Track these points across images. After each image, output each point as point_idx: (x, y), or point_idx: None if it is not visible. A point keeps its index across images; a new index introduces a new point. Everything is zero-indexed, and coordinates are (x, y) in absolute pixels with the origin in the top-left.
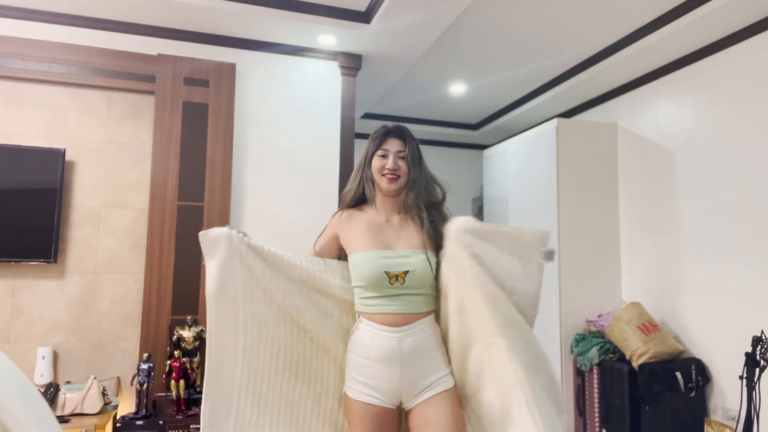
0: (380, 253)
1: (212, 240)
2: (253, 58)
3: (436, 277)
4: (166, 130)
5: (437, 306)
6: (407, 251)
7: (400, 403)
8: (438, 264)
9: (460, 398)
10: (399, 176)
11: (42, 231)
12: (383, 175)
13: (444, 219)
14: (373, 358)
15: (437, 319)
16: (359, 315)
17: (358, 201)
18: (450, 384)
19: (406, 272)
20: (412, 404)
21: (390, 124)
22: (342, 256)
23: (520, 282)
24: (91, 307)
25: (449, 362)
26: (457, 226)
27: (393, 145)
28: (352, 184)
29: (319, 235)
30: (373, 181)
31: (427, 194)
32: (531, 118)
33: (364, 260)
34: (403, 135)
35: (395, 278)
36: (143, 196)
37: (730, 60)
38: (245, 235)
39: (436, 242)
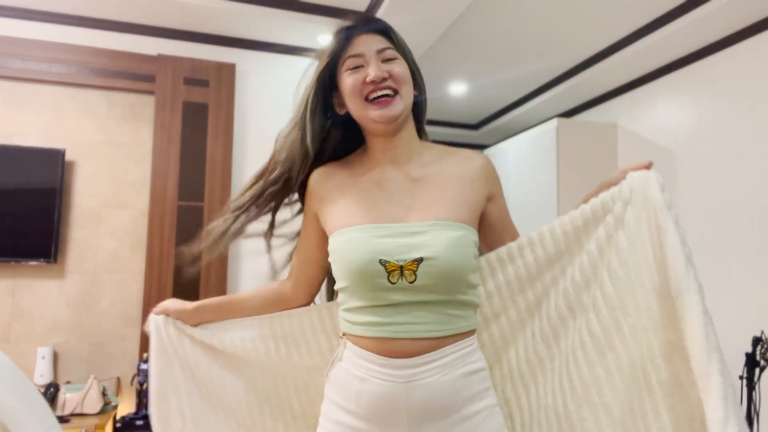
0: (376, 229)
1: (150, 333)
2: (253, 58)
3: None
4: (166, 130)
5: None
6: (421, 224)
7: None
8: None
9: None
10: (396, 91)
11: (42, 231)
12: (368, 99)
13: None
14: (362, 415)
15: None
16: (344, 337)
17: (327, 153)
18: None
19: (419, 261)
20: None
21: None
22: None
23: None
24: (91, 307)
25: (504, 418)
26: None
27: (368, 44)
28: (286, 139)
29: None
30: (348, 120)
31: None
32: (531, 118)
33: (348, 242)
34: (380, 26)
35: (399, 272)
36: (143, 196)
37: (730, 60)
38: (184, 312)
39: (476, 204)
